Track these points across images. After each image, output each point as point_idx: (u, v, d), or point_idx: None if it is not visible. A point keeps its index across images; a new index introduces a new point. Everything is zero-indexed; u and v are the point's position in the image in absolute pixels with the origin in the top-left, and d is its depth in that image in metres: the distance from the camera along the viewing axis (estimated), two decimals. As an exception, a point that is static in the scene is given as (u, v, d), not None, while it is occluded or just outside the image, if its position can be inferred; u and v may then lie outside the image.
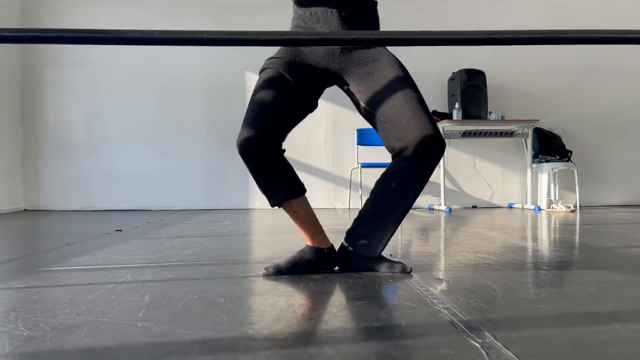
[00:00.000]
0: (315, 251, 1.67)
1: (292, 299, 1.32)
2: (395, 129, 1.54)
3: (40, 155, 5.25)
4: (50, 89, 5.25)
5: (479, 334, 0.99)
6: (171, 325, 1.07)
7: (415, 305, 1.23)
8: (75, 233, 3.05)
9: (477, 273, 1.64)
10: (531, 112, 5.17)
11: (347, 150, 5.27)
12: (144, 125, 5.23)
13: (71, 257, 2.08)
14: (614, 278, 1.54)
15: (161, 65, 5.24)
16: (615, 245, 2.32)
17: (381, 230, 1.64)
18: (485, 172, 5.38)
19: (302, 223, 1.68)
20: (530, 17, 5.28)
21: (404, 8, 5.10)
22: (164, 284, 1.51)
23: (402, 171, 1.57)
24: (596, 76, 5.46)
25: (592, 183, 5.39)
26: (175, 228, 3.27)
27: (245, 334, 1.02)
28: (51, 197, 5.22)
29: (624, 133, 5.50)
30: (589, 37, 1.18)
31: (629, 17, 5.27)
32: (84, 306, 1.24)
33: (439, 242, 2.52)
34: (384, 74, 1.59)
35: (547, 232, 3.04)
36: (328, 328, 1.07)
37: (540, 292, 1.38)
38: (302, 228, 1.68)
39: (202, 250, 2.23)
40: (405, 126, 1.52)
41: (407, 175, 1.58)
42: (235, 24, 5.08)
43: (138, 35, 1.29)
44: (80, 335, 1.01)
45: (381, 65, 1.61)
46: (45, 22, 5.15)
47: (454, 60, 5.09)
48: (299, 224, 1.68)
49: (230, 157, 5.39)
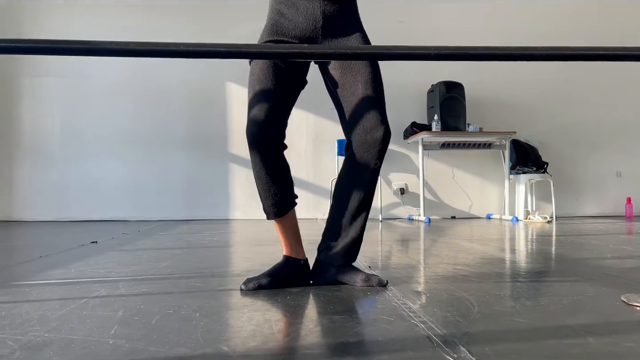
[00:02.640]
0: (294, 263, 1.67)
1: (268, 313, 1.30)
2: (349, 122, 1.59)
3: (14, 165, 5.15)
4: (25, 98, 5.17)
5: (454, 349, 0.99)
6: (144, 342, 1.05)
7: (392, 319, 1.23)
8: (49, 245, 2.98)
9: (454, 285, 1.64)
10: (509, 124, 5.26)
11: (327, 161, 5.29)
12: (121, 134, 5.17)
13: (44, 270, 2.03)
14: (588, 290, 1.56)
15: (140, 75, 5.20)
16: (590, 256, 2.36)
17: (347, 232, 1.63)
18: (464, 183, 5.44)
19: (286, 230, 1.67)
20: (511, 30, 5.38)
21: (383, 20, 5.16)
22: (138, 298, 1.48)
23: (355, 164, 1.59)
24: (572, 89, 5.58)
25: (567, 194, 5.49)
26: (153, 240, 3.23)
27: (220, 351, 1.00)
28: (25, 207, 5.12)
29: (598, 145, 5.63)
30: (559, 54, 1.20)
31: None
32: (55, 322, 1.21)
33: (418, 254, 2.53)
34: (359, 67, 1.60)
35: (525, 243, 3.08)
36: (304, 344, 1.06)
37: (516, 304, 1.39)
38: (285, 236, 1.67)
39: (178, 263, 2.20)
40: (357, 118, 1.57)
41: (360, 167, 1.59)
42: (216, 35, 5.07)
43: (114, 46, 1.27)
44: (49, 354, 0.98)
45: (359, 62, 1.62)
46: (22, 29, 5.07)
47: (433, 73, 5.16)
48: (284, 230, 1.67)
49: (210, 167, 5.36)
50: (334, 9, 1.60)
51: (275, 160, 1.59)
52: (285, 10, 1.60)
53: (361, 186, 1.61)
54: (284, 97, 1.60)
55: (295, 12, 1.59)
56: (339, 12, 1.61)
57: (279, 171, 1.61)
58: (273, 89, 1.58)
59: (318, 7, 1.59)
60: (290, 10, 1.60)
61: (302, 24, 1.59)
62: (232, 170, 5.11)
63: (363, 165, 1.59)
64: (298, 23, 1.59)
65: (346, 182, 1.64)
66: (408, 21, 5.36)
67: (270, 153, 1.58)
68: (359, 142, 1.58)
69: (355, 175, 1.60)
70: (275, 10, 1.62)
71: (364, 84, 1.59)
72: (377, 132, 1.56)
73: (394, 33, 5.13)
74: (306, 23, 1.59)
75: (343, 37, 1.61)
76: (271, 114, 1.56)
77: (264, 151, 1.57)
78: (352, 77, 1.60)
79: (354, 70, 1.60)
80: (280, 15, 1.61)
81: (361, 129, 1.57)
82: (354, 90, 1.59)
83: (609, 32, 5.35)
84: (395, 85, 5.26)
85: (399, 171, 5.37)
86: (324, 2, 1.59)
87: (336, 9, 1.61)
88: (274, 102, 1.57)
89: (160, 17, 5.20)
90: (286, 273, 1.65)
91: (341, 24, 1.62)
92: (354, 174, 1.61)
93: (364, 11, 1.80)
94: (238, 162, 5.13)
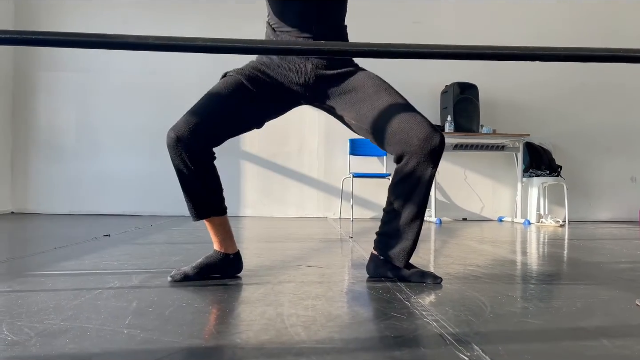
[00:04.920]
0: (222, 257, 1.70)
1: (281, 308, 1.31)
2: (396, 134, 1.57)
3: (30, 158, 5.21)
4: (42, 92, 5.23)
5: (467, 347, 0.99)
6: (158, 332, 1.06)
7: (404, 316, 1.23)
8: (63, 237, 3.02)
9: (466, 285, 1.64)
10: (522, 127, 5.22)
11: (339, 160, 5.28)
12: (135, 129, 5.22)
13: (58, 261, 2.06)
14: (601, 293, 1.55)
15: (154, 70, 5.24)
16: (604, 260, 2.34)
17: (407, 235, 1.64)
18: (476, 185, 5.41)
19: (214, 227, 1.69)
20: (524, 31, 5.34)
21: (398, 20, 5.15)
22: (151, 290, 1.50)
23: (413, 171, 1.59)
24: (587, 92, 5.53)
25: (581, 198, 5.44)
26: (165, 234, 3.25)
27: (233, 343, 1.01)
28: (40, 200, 5.18)
29: (613, 149, 5.57)
30: (579, 54, 1.19)
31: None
32: (70, 311, 1.23)
33: (429, 254, 2.53)
34: (367, 89, 1.65)
35: (536, 246, 3.06)
36: (316, 338, 1.06)
37: (529, 305, 1.38)
38: (213, 233, 1.70)
39: (191, 257, 2.22)
40: (404, 129, 1.56)
41: (418, 173, 1.59)
42: (230, 31, 5.09)
43: (132, 40, 1.29)
44: (65, 341, 1.00)
45: (362, 82, 1.67)
46: (39, 24, 5.14)
47: (447, 73, 5.14)
48: (212, 228, 1.70)
49: (222, 164, 5.36)
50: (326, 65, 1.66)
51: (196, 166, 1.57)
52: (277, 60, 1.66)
53: (420, 191, 1.61)
54: (232, 118, 1.61)
55: (287, 64, 1.66)
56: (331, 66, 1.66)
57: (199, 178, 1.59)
58: (225, 101, 1.60)
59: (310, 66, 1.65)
60: (283, 62, 1.66)
61: (294, 79, 1.66)
62: (243, 167, 5.14)
63: (421, 172, 1.58)
64: (291, 77, 1.66)
65: (404, 188, 1.62)
66: (423, 22, 5.34)
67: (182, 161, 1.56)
68: (415, 151, 1.56)
69: (414, 182, 1.59)
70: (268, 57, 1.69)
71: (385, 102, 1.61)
72: (434, 139, 1.56)
73: (409, 33, 5.13)
74: (297, 78, 1.66)
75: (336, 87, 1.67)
76: (203, 125, 1.55)
77: (176, 156, 1.56)
78: (368, 104, 1.63)
79: (365, 99, 1.63)
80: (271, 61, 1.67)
81: (415, 139, 1.55)
82: (378, 112, 1.61)
83: (629, 34, 5.30)
84: (409, 86, 5.25)
85: (410, 172, 5.35)
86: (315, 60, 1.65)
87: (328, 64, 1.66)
88: (214, 115, 1.57)
89: (175, 13, 5.23)
90: (214, 265, 1.69)
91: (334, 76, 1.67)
92: (413, 180, 1.59)
93: (379, 12, 1.80)
94: (249, 159, 5.15)
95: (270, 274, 1.82)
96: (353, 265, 2.09)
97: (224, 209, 1.69)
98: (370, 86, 1.65)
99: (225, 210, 1.70)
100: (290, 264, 2.08)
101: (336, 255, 2.51)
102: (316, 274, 1.82)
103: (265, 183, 5.19)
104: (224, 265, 1.71)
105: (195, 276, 1.65)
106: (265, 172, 5.20)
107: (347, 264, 2.16)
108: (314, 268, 1.97)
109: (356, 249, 2.68)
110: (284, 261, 2.19)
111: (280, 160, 5.19)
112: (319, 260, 2.20)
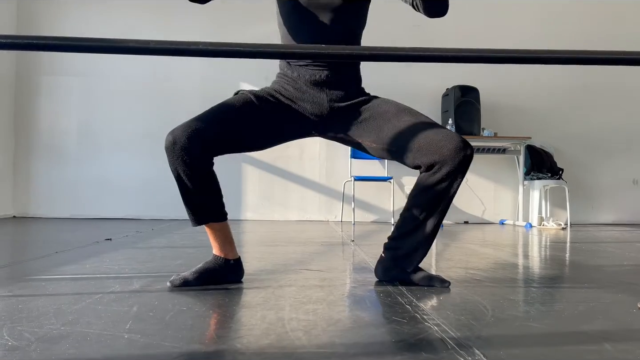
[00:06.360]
0: (222, 262, 1.69)
1: (281, 312, 1.31)
2: (425, 147, 1.57)
3: (31, 162, 5.21)
4: (43, 96, 5.23)
5: (468, 352, 0.99)
6: (158, 337, 1.06)
7: (405, 320, 1.22)
8: (64, 241, 3.02)
9: (467, 289, 1.63)
10: (523, 129, 5.21)
11: (340, 163, 5.28)
12: (136, 133, 5.22)
13: (59, 265, 2.05)
14: (603, 297, 1.54)
15: (156, 75, 5.24)
16: (606, 263, 2.33)
17: (427, 243, 1.65)
18: (478, 188, 5.40)
19: (214, 232, 1.68)
20: (525, 34, 5.34)
21: (398, 24, 5.15)
22: (152, 294, 1.50)
23: (441, 180, 1.59)
24: (589, 95, 5.52)
25: (583, 201, 5.43)
26: (166, 238, 3.25)
27: (234, 348, 1.01)
28: (41, 204, 5.18)
29: (614, 152, 5.56)
30: (582, 57, 1.19)
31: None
32: (70, 316, 1.23)
33: (431, 257, 2.52)
34: (386, 113, 1.66)
35: (538, 249, 3.05)
36: (317, 343, 1.06)
37: (530, 309, 1.38)
38: (213, 238, 1.69)
39: (192, 261, 2.21)
40: (434, 140, 1.57)
41: (447, 182, 1.59)
42: (233, 35, 5.10)
43: (133, 44, 1.29)
44: (65, 346, 0.99)
45: (380, 107, 1.68)
46: (41, 28, 5.15)
47: (448, 76, 5.13)
48: (211, 233, 1.69)
49: (223, 168, 5.37)
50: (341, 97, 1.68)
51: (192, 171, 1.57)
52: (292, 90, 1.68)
53: (445, 202, 1.61)
54: (235, 129, 1.61)
55: (302, 95, 1.67)
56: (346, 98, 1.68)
57: (195, 183, 1.59)
58: (231, 114, 1.60)
59: (325, 97, 1.67)
60: (297, 93, 1.68)
61: (309, 109, 1.68)
62: (244, 171, 5.14)
63: (450, 181, 1.59)
64: (305, 107, 1.68)
65: (429, 195, 1.61)
66: (423, 25, 5.34)
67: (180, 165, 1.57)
68: (447, 160, 1.56)
69: (441, 191, 1.59)
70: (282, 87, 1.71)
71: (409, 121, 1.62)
72: (466, 149, 1.58)
73: (410, 37, 5.12)
74: (312, 109, 1.68)
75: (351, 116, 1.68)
76: (204, 131, 1.55)
77: (173, 160, 1.57)
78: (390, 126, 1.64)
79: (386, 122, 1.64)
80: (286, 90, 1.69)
81: (446, 150, 1.55)
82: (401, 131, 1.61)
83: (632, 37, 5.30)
84: (410, 89, 5.26)
85: (412, 175, 5.34)
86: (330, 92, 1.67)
87: (343, 96, 1.68)
88: (218, 124, 1.58)
89: (178, 16, 5.24)
90: (213, 271, 1.67)
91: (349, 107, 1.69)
92: (440, 189, 1.59)
93: (379, 15, 1.80)
94: (251, 163, 5.15)
95: (271, 278, 1.82)
96: (354, 269, 2.08)
97: (223, 214, 1.68)
98: (389, 109, 1.66)
99: (225, 216, 1.69)
100: (291, 268, 2.08)
101: (337, 258, 2.50)
102: (317, 278, 1.82)
103: (266, 186, 5.19)
104: (224, 271, 1.70)
105: (194, 281, 1.64)
106: (266, 175, 5.20)
107: (349, 267, 2.16)
108: (315, 272, 1.96)
109: (357, 252, 2.67)
110: (285, 265, 2.18)
111: (281, 164, 5.19)
112: (320, 264, 2.20)
